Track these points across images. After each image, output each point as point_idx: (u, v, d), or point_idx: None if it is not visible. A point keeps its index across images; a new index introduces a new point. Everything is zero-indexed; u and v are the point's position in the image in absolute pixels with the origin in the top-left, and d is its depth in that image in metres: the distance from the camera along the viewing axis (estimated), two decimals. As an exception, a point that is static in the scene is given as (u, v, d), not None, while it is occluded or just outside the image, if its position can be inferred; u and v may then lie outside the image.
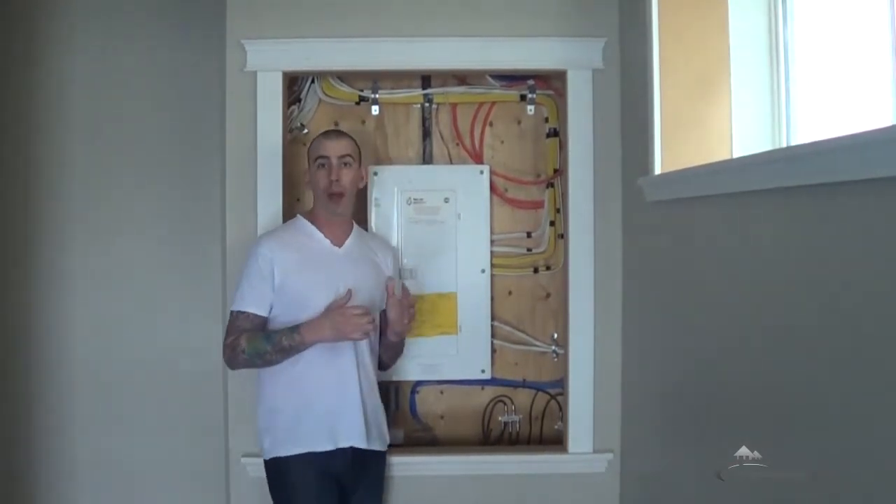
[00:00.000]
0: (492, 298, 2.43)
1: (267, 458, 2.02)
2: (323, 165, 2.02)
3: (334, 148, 2.03)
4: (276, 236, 2.05)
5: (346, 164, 2.03)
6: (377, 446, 2.07)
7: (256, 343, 1.92)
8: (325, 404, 1.98)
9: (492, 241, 2.42)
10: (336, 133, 2.12)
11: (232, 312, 1.99)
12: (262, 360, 1.93)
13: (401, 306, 2.06)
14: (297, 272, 1.98)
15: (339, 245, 2.07)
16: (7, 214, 2.63)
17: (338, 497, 2.02)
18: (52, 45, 2.64)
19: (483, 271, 2.41)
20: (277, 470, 2.00)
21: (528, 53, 2.29)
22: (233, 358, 1.95)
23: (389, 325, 2.10)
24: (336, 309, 1.91)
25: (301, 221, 2.09)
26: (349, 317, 1.89)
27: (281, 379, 1.98)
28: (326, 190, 2.02)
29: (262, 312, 1.98)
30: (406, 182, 2.40)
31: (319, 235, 2.05)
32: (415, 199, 2.40)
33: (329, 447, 1.98)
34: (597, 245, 2.29)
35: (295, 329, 1.91)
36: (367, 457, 2.05)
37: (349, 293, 1.93)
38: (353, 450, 2.00)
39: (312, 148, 2.08)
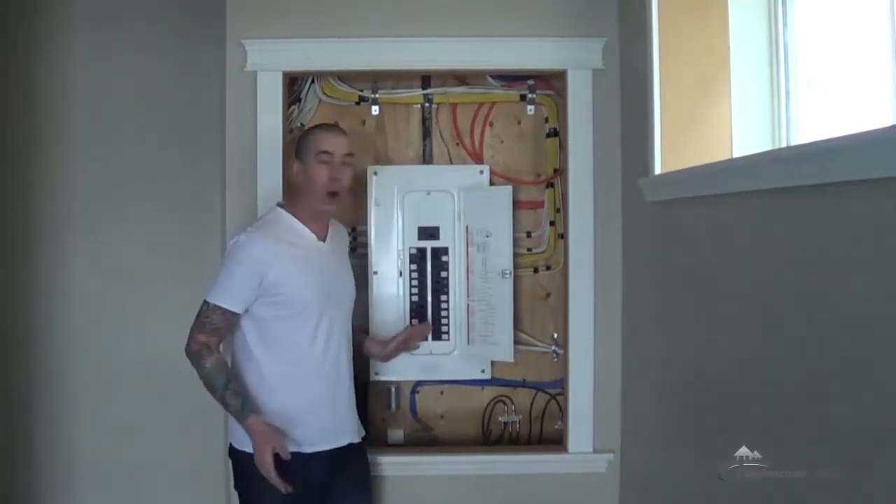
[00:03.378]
0: (492, 298, 2.43)
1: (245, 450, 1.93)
2: (325, 161, 1.97)
3: (339, 145, 1.99)
4: (269, 234, 1.95)
5: (346, 162, 2.00)
6: (357, 438, 2.08)
7: (218, 375, 1.90)
8: (326, 404, 1.99)
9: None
10: (337, 129, 2.08)
11: (207, 303, 1.92)
12: (210, 390, 1.91)
13: (407, 344, 2.25)
14: (290, 271, 1.94)
15: (323, 239, 2.04)
16: (7, 215, 2.63)
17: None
18: (52, 43, 2.64)
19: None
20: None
21: (528, 53, 2.29)
22: (195, 361, 1.92)
23: (383, 348, 2.22)
24: (272, 444, 1.88)
25: (284, 216, 2.00)
26: (268, 466, 1.86)
27: (286, 376, 1.96)
28: (326, 188, 1.96)
29: (239, 311, 1.92)
30: (406, 182, 2.40)
31: (306, 231, 2.00)
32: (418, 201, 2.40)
33: (327, 447, 1.98)
34: (597, 245, 2.29)
35: (247, 407, 1.89)
36: (346, 451, 2.03)
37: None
38: (331, 449, 2.00)
39: (312, 141, 1.99)
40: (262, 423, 1.90)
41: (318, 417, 1.98)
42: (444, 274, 2.40)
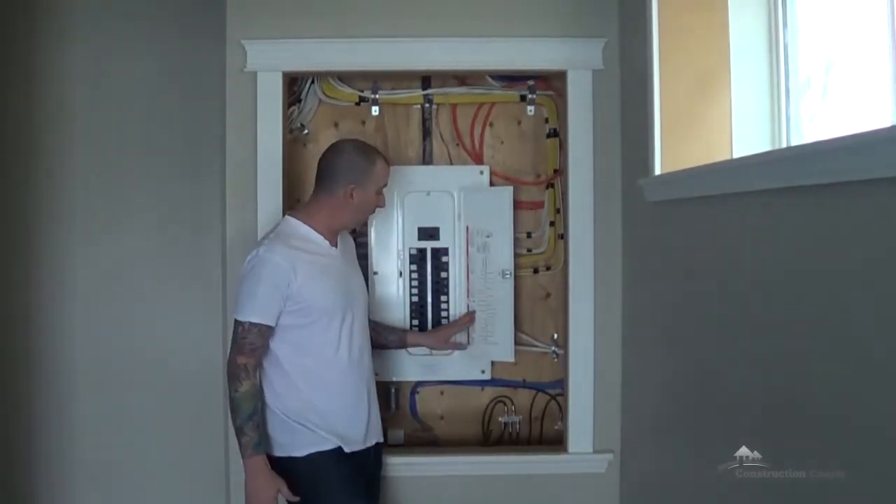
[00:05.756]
0: (492, 298, 2.43)
1: (302, 455, 1.97)
2: (380, 192, 2.07)
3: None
4: (288, 244, 1.95)
5: None
6: (382, 437, 2.16)
7: (246, 403, 1.90)
8: (362, 404, 2.05)
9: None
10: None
11: (241, 323, 1.90)
12: (233, 414, 1.91)
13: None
14: (312, 278, 1.95)
15: (335, 245, 2.06)
16: (7, 215, 2.63)
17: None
18: (52, 44, 2.63)
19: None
20: (316, 466, 1.97)
21: (528, 53, 2.29)
22: (230, 382, 1.92)
23: (436, 339, 2.33)
24: (278, 486, 1.91)
25: (297, 225, 2.01)
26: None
27: (319, 382, 1.99)
28: (370, 212, 2.12)
29: (274, 324, 1.93)
30: (406, 182, 2.40)
31: (320, 238, 2.02)
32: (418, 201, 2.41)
33: (363, 446, 2.05)
34: (597, 245, 2.29)
35: (262, 445, 1.91)
36: (377, 450, 2.13)
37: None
38: (375, 446, 2.10)
39: (377, 174, 2.03)
40: (268, 465, 1.91)
41: (357, 418, 2.03)
42: (444, 274, 2.40)
